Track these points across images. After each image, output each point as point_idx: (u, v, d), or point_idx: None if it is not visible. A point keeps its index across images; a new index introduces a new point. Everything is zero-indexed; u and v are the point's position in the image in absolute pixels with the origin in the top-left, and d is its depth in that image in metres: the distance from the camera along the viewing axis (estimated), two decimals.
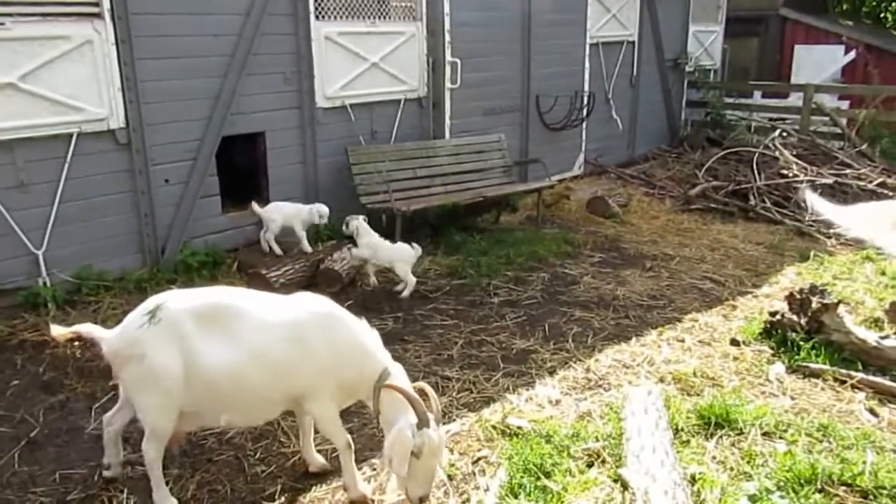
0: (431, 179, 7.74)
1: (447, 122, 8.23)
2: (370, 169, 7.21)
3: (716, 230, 8.22)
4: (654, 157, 11.56)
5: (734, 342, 5.10)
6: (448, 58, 7.97)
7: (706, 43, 12.61)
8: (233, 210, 6.61)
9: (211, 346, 2.99)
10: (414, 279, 5.97)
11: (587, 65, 10.03)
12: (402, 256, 5.98)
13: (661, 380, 4.57)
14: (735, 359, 4.86)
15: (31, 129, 5.19)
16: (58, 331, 3.08)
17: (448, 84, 8.07)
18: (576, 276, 6.54)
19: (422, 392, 3.08)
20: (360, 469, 3.54)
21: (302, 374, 3.08)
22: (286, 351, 3.05)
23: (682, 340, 5.20)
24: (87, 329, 3.08)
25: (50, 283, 5.39)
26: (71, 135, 5.38)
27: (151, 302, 3.06)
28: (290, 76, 6.69)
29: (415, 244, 6.07)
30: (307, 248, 6.36)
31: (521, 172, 9.04)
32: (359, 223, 6.03)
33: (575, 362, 4.80)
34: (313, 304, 3.20)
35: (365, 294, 6.01)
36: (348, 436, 3.29)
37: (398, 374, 3.14)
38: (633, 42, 10.88)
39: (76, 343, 3.03)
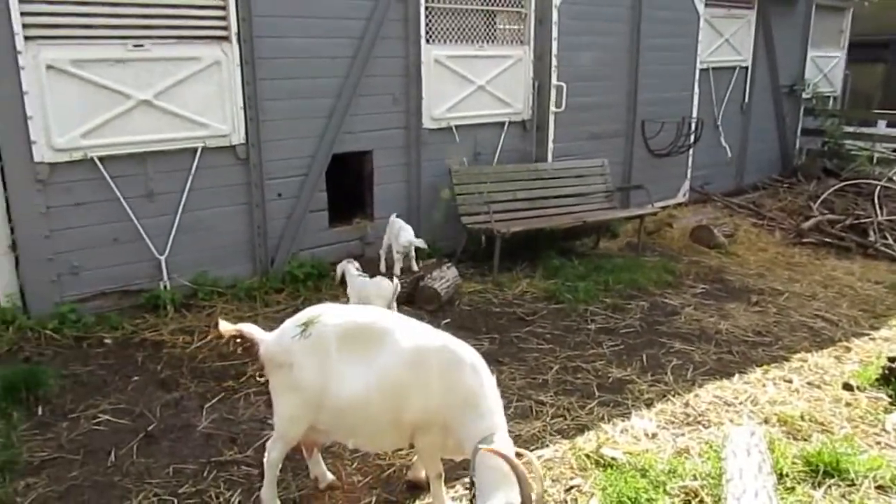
0: (532, 202, 7.77)
1: (550, 145, 8.26)
2: (472, 190, 7.32)
3: (830, 266, 7.85)
4: (765, 187, 11.17)
5: (847, 386, 4.85)
6: (554, 82, 8.02)
7: (826, 69, 12.10)
8: (339, 225, 6.85)
9: (347, 371, 3.06)
10: None
11: (696, 90, 9.85)
12: (379, 292, 5.19)
13: (766, 421, 4.40)
14: (847, 404, 4.62)
15: (162, 143, 5.59)
16: (225, 326, 3.26)
17: (553, 108, 8.11)
18: (676, 306, 6.40)
19: (526, 463, 2.78)
20: (452, 487, 3.60)
21: (413, 405, 3.07)
22: (403, 377, 3.06)
23: (790, 381, 4.99)
24: (249, 329, 3.25)
25: (169, 287, 5.76)
26: (196, 149, 5.75)
27: (307, 314, 3.18)
28: (399, 97, 6.91)
29: (395, 278, 5.50)
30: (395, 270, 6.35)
31: (623, 198, 8.95)
32: (345, 268, 5.39)
33: (673, 396, 4.70)
34: (444, 339, 3.15)
35: (462, 313, 6.09)
36: (442, 468, 3.31)
37: (505, 444, 2.88)
38: (747, 67, 10.59)
39: (237, 340, 3.23)
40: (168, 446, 3.97)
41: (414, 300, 6.17)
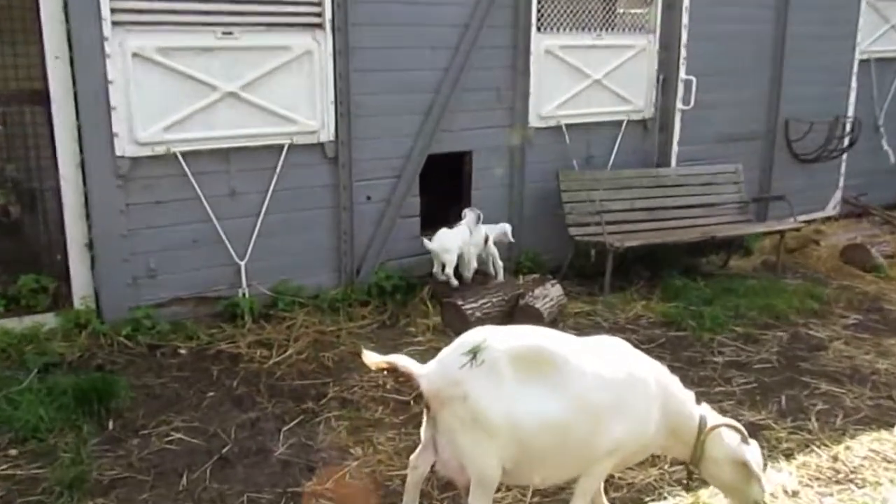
0: (652, 213, 7.61)
1: (674, 147, 8.09)
2: (582, 197, 7.23)
3: None
4: None
5: None
6: (682, 75, 7.84)
7: None
8: (431, 232, 6.84)
9: (530, 396, 3.10)
10: None
11: (854, 85, 9.41)
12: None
13: None
14: None
15: (247, 139, 5.77)
16: (372, 358, 3.28)
17: (679, 105, 7.93)
18: (823, 339, 6.11)
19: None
20: None
21: (612, 430, 3.17)
22: (607, 401, 3.16)
23: None
24: (404, 363, 3.26)
25: (248, 295, 5.93)
26: (282, 146, 5.91)
27: (471, 339, 3.20)
28: (504, 93, 6.90)
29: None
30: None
31: (760, 210, 8.66)
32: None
33: (819, 447, 4.47)
34: (639, 357, 3.42)
35: None
36: None
37: (712, 414, 3.47)
38: None
39: (386, 372, 3.28)
40: (243, 471, 4.07)
41: (513, 320, 6.11)
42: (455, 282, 6.29)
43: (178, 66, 5.42)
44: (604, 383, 3.17)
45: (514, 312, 6.15)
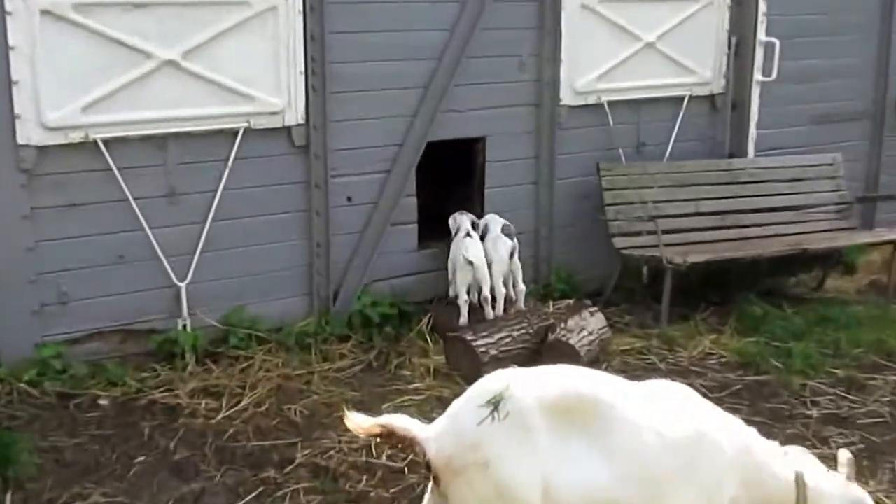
0: (722, 218, 7.67)
1: (752, 132, 8.14)
2: (631, 197, 7.27)
3: None
4: None
5: None
6: (761, 37, 7.88)
7: None
8: (432, 244, 6.87)
9: (569, 459, 3.08)
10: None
11: None
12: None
13: None
14: None
15: (190, 122, 5.77)
16: (359, 421, 3.24)
17: (758, 76, 7.97)
18: None
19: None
20: None
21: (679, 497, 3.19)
22: (671, 466, 3.16)
23: None
24: (403, 424, 3.22)
25: (191, 327, 5.92)
26: (236, 131, 5.91)
27: (488, 387, 3.17)
28: (527, 60, 6.93)
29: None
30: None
31: (867, 214, 8.73)
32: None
33: None
34: (708, 410, 3.47)
35: None
36: None
37: (810, 463, 3.50)
38: None
39: (379, 438, 3.25)
40: None
41: (540, 360, 6.07)
42: (491, 311, 6.35)
43: (100, 27, 5.42)
44: (665, 443, 3.15)
45: (542, 350, 6.14)
